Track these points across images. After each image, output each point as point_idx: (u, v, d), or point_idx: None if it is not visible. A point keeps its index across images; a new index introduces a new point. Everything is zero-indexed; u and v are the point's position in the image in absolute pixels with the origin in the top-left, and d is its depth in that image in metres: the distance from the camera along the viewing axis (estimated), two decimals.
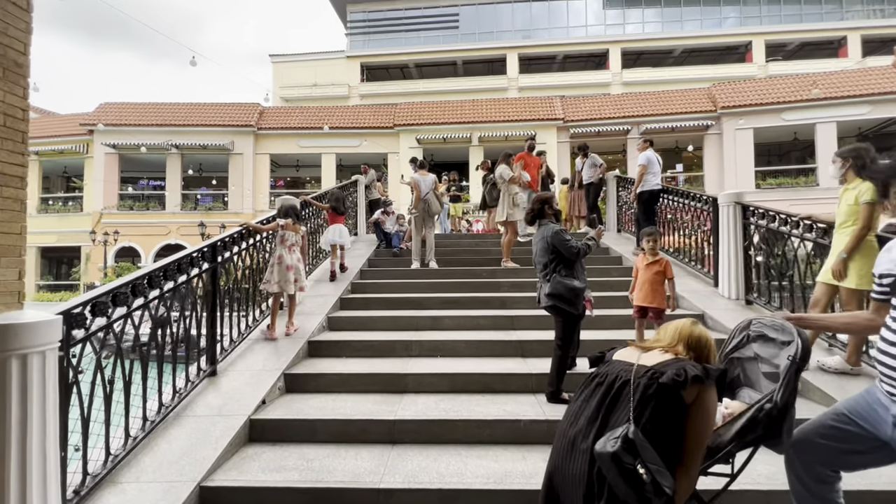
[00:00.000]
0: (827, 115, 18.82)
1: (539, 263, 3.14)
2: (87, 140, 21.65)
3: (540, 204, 3.17)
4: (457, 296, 4.91)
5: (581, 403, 1.47)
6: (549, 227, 3.08)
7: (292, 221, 4.12)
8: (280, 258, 3.97)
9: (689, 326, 1.57)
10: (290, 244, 4.07)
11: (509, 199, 5.73)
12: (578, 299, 2.97)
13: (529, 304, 4.67)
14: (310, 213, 5.52)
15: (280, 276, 3.92)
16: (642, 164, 5.84)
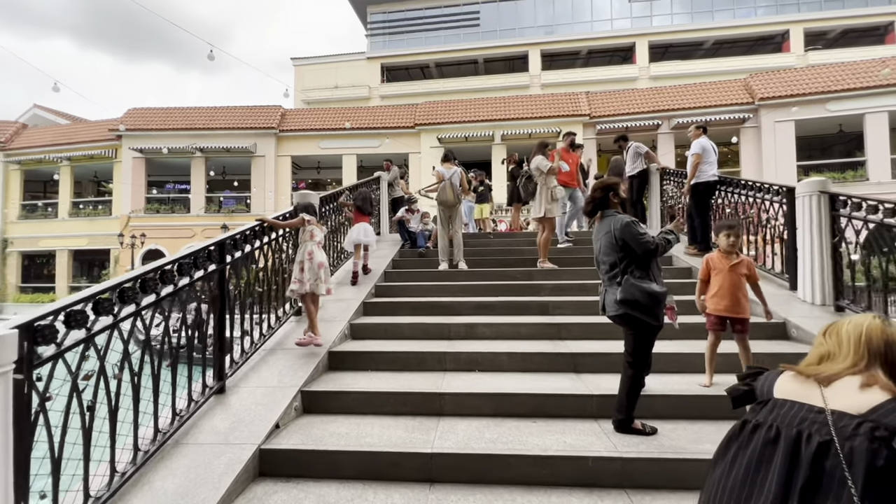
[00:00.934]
0: (878, 104, 17.51)
1: (603, 263, 2.61)
2: (116, 145, 22.16)
3: (603, 191, 2.64)
4: (491, 300, 4.41)
5: (745, 477, 0.93)
6: (616, 219, 2.54)
7: (316, 220, 3.76)
8: (311, 254, 3.55)
9: (879, 329, 1.00)
10: (319, 240, 3.67)
11: (547, 193, 5.19)
12: (659, 307, 2.43)
13: (575, 310, 4.14)
14: (329, 210, 5.11)
15: (311, 274, 3.51)
16: (696, 153, 5.22)
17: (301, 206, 3.81)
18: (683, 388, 2.81)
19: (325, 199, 4.91)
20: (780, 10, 26.65)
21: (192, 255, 2.53)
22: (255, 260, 3.39)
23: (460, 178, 5.59)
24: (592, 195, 2.70)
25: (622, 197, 2.66)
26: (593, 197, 2.68)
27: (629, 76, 26.19)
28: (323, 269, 3.59)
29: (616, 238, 2.49)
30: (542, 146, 5.39)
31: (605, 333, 3.67)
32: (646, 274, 2.45)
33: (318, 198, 4.37)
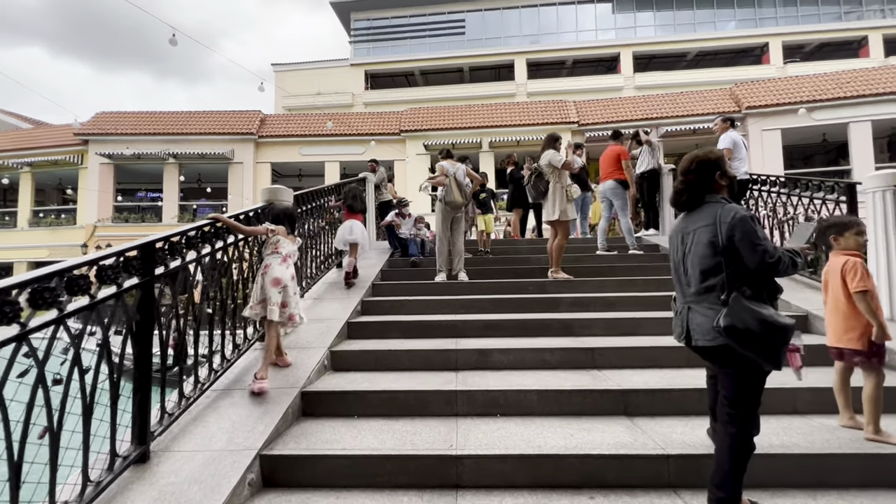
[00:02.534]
0: (861, 113, 17.70)
1: (692, 270, 1.84)
2: (82, 150, 20.89)
3: (703, 169, 1.85)
4: (502, 318, 3.66)
5: None
6: (725, 210, 1.77)
7: (286, 230, 2.93)
8: (266, 268, 2.77)
9: None
10: (286, 255, 2.87)
11: (561, 192, 4.50)
12: (780, 344, 1.67)
13: (606, 329, 3.42)
14: (306, 211, 4.29)
15: (264, 293, 2.72)
16: (726, 148, 4.62)
17: (271, 213, 2.99)
18: (807, 438, 2.08)
19: (302, 199, 4.10)
20: (759, 23, 27.28)
21: (93, 263, 1.71)
22: (207, 269, 2.57)
23: (466, 174, 4.88)
24: (686, 177, 1.90)
25: (731, 178, 1.92)
26: (688, 179, 1.89)
27: (614, 86, 26.28)
28: (279, 286, 2.72)
29: (722, 236, 1.74)
30: (553, 139, 4.72)
31: (651, 360, 2.95)
32: (760, 296, 1.74)
33: (290, 194, 3.56)
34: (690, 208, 1.91)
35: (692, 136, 18.75)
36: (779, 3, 27.27)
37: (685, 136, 18.57)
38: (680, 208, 1.96)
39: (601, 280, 4.58)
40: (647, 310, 3.90)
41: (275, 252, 2.84)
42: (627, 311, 3.84)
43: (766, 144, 18.25)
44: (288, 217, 3.01)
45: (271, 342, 2.71)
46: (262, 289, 2.75)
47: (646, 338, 3.30)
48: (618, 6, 28.17)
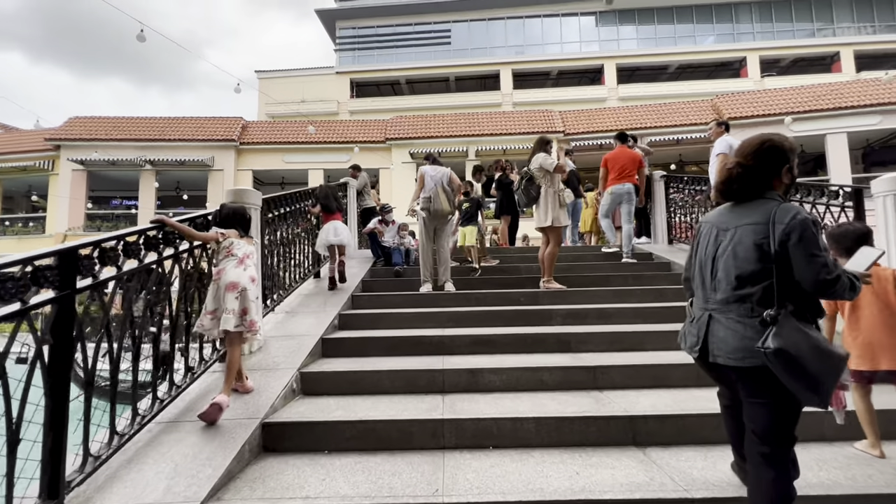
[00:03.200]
0: (837, 125, 18.17)
1: (729, 274, 1.52)
2: (54, 156, 20.12)
3: (774, 158, 1.55)
4: (493, 332, 3.35)
5: None
6: (783, 210, 1.48)
7: (239, 234, 2.61)
8: (219, 273, 2.45)
9: None
10: (243, 255, 2.55)
11: (553, 197, 4.25)
12: (831, 378, 1.38)
13: (606, 344, 3.14)
14: (281, 216, 3.93)
15: (218, 300, 2.41)
16: (722, 153, 4.45)
17: (220, 215, 2.65)
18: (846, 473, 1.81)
19: (273, 203, 3.74)
20: (737, 38, 28.08)
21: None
22: (152, 281, 2.20)
23: (450, 180, 4.60)
24: (746, 162, 1.56)
25: (794, 177, 1.59)
26: (748, 165, 1.54)
27: (599, 97, 26.64)
28: (236, 291, 2.39)
29: (774, 241, 1.43)
30: (544, 142, 4.48)
31: (658, 379, 2.67)
32: (801, 314, 1.44)
33: (259, 197, 3.20)
34: (740, 200, 1.59)
35: (675, 146, 18.97)
36: (755, 20, 28.15)
37: (669, 146, 18.77)
38: (726, 197, 1.64)
39: (596, 290, 4.32)
40: (648, 322, 3.64)
41: (229, 255, 2.51)
42: (627, 324, 3.58)
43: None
44: (239, 218, 2.67)
45: (235, 356, 2.38)
46: (214, 298, 2.42)
47: (650, 353, 3.03)
48: (601, 19, 28.68)
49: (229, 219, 2.63)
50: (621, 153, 5.46)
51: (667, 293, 4.22)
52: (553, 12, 28.59)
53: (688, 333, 1.67)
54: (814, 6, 27.61)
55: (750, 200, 1.57)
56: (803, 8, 27.74)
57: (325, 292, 4.30)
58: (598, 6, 28.30)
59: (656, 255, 5.62)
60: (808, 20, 27.70)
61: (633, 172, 5.42)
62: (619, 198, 5.45)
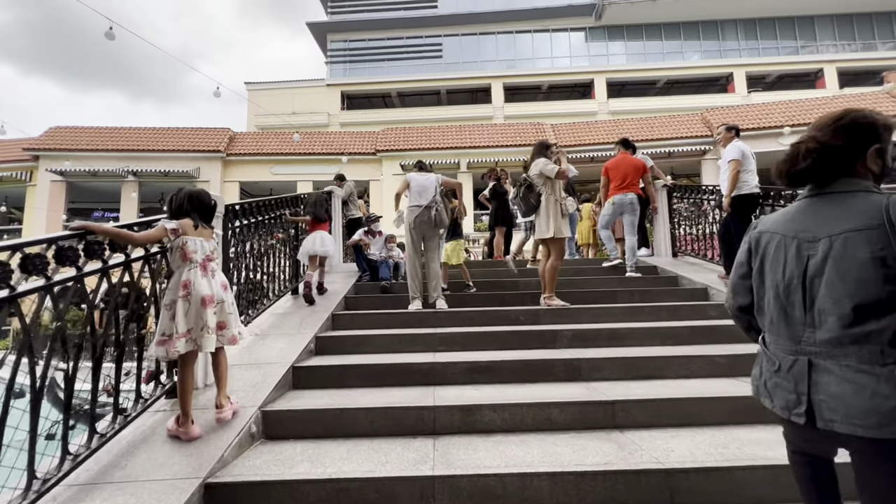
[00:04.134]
0: None
1: (838, 303, 1.09)
2: (32, 167, 19.49)
3: (861, 135, 1.16)
4: (491, 357, 2.92)
5: None
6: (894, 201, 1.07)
7: (193, 223, 2.22)
8: (186, 286, 2.09)
9: None
10: (204, 259, 2.18)
11: (555, 206, 3.87)
12: None
13: (621, 372, 2.73)
14: (252, 225, 3.49)
15: (193, 318, 2.08)
16: (735, 159, 4.14)
17: (175, 203, 2.25)
18: None
19: (242, 211, 3.30)
20: (723, 55, 28.59)
21: None
22: (70, 296, 1.75)
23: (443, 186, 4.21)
24: (824, 138, 1.18)
25: (887, 161, 1.16)
26: (826, 143, 1.17)
27: (589, 111, 26.82)
28: (212, 305, 2.11)
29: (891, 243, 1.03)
30: (544, 146, 4.12)
31: (688, 416, 2.26)
32: None
33: (221, 203, 2.77)
34: (818, 183, 1.20)
35: (667, 158, 18.95)
36: (741, 37, 28.74)
37: (661, 158, 18.74)
38: (792, 182, 1.24)
39: (602, 308, 3.93)
40: (665, 343, 3.25)
41: (186, 260, 2.13)
42: (642, 347, 3.18)
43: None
44: (196, 204, 2.25)
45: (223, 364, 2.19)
46: (187, 316, 2.06)
47: (673, 383, 2.63)
48: (590, 35, 29.05)
49: (182, 207, 2.23)
50: (623, 160, 5.14)
51: (681, 311, 3.84)
52: (543, 27, 28.91)
53: (775, 387, 1.21)
54: (797, 24, 28.29)
55: (830, 191, 1.17)
56: (787, 26, 28.42)
57: (302, 310, 3.84)
58: (587, 22, 28.70)
59: (662, 269, 5.26)
60: (791, 38, 28.35)
61: (636, 181, 5.10)
62: (620, 208, 5.11)
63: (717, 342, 3.27)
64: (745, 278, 1.32)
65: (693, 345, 3.23)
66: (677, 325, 3.41)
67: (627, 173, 5.02)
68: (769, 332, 1.23)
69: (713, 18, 28.34)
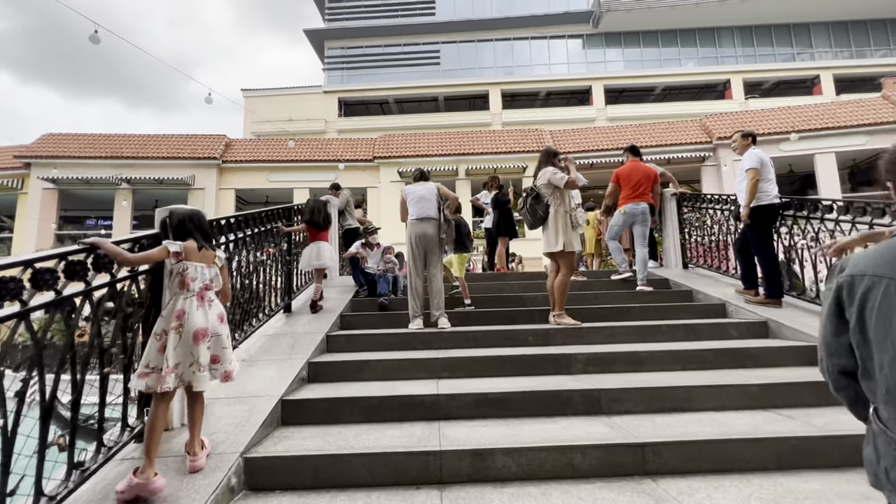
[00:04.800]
0: (826, 145, 18.29)
1: None
2: (23, 174, 19.23)
3: None
4: (501, 388, 2.65)
5: None
6: None
7: (198, 245, 2.03)
8: (180, 317, 1.89)
9: None
10: (203, 287, 1.98)
11: (564, 217, 3.63)
12: None
13: (646, 402, 2.47)
14: (241, 240, 3.22)
15: (181, 353, 1.86)
16: (753, 168, 3.91)
17: (172, 222, 2.05)
18: None
19: (228, 226, 3.03)
20: (720, 61, 28.70)
21: None
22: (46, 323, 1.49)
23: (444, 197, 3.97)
24: None
25: None
26: None
27: (587, 117, 26.81)
28: (205, 340, 1.91)
29: None
30: (551, 154, 3.88)
31: (729, 460, 2.00)
32: None
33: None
34: None
35: (667, 165, 18.81)
36: (737, 44, 28.87)
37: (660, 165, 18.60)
38: None
39: (616, 327, 3.67)
40: (688, 368, 2.99)
41: (183, 289, 1.93)
42: (663, 372, 2.92)
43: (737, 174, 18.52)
44: (197, 225, 2.07)
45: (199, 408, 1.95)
46: (177, 350, 1.85)
47: (704, 417, 2.37)
48: (588, 42, 29.12)
49: (183, 227, 2.03)
50: (636, 168, 4.91)
51: (700, 330, 3.59)
52: (541, 35, 28.95)
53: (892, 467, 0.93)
54: (793, 31, 28.45)
55: None
56: (783, 33, 28.57)
57: (294, 333, 3.56)
58: (584, 29, 28.76)
59: (674, 282, 5.02)
60: (787, 45, 28.50)
61: (649, 190, 4.87)
62: (632, 218, 4.87)
63: (742, 366, 3.02)
64: (839, 335, 1.03)
65: (718, 369, 2.97)
66: (699, 348, 3.15)
67: (640, 181, 4.79)
68: (887, 404, 0.95)
69: (709, 26, 28.47)
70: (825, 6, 26.80)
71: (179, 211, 2.11)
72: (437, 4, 29.24)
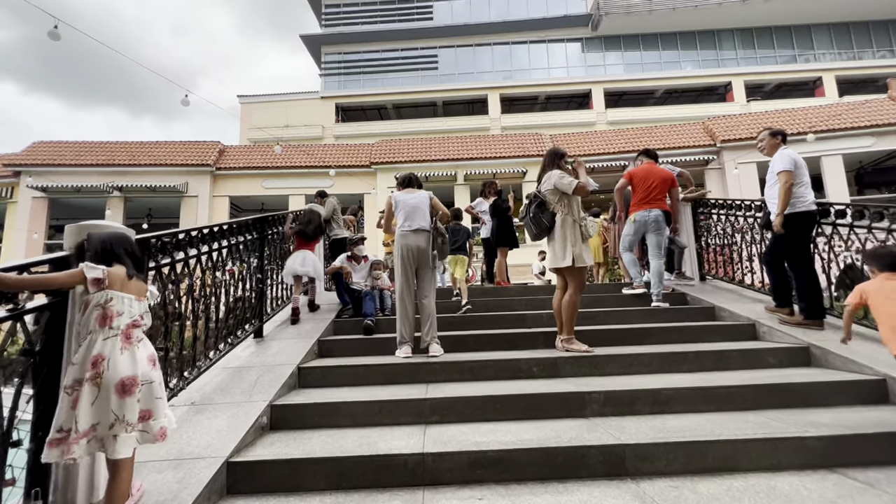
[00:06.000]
0: (833, 147, 17.89)
1: None
2: (12, 183, 18.91)
3: None
4: (501, 442, 2.14)
5: None
6: None
7: (127, 273, 1.61)
8: (98, 363, 1.47)
9: None
10: (130, 324, 1.57)
11: (573, 227, 3.15)
12: None
13: (681, 462, 1.98)
14: (182, 261, 2.72)
15: (100, 410, 1.47)
16: (787, 170, 3.42)
17: (90, 247, 1.62)
18: None
19: (168, 244, 2.54)
20: (721, 64, 28.42)
21: None
22: None
23: (433, 205, 3.49)
24: None
25: None
26: None
27: (587, 121, 26.54)
28: (136, 390, 1.50)
29: None
30: (557, 156, 3.40)
31: None
32: None
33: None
34: None
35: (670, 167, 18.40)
36: (738, 46, 28.60)
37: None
38: None
39: (633, 354, 3.17)
40: (723, 409, 2.49)
41: (104, 325, 1.51)
42: (695, 415, 2.42)
43: (742, 178, 18.15)
44: (128, 250, 1.68)
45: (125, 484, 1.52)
46: (94, 406, 1.44)
47: (759, 480, 1.87)
48: (587, 46, 28.88)
49: (107, 250, 1.62)
50: (652, 170, 4.44)
51: (730, 358, 3.10)
52: (540, 38, 28.70)
53: None
54: (794, 33, 28.17)
55: None
56: (784, 35, 28.30)
57: (262, 364, 3.06)
58: (584, 33, 28.51)
59: (692, 297, 4.53)
60: (789, 46, 28.22)
61: (664, 195, 4.39)
62: (643, 227, 4.39)
63: (789, 405, 2.52)
64: None
65: (760, 410, 2.48)
66: (734, 383, 2.65)
67: (654, 185, 4.31)
68: None
69: (710, 28, 28.22)
70: (826, 7, 26.53)
71: (102, 232, 1.68)
72: (434, 9, 29.05)
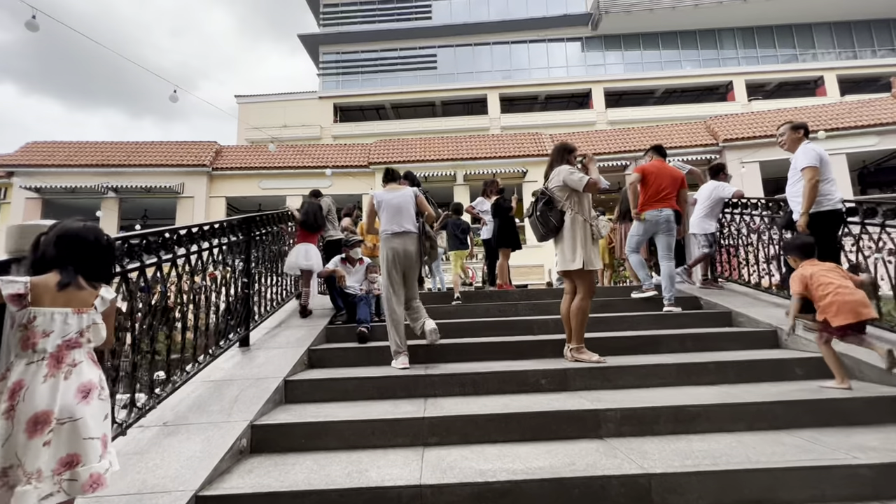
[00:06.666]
0: (836, 146, 17.70)
1: None
2: (5, 184, 18.66)
3: None
4: (510, 474, 1.90)
5: None
6: None
7: (58, 282, 1.33)
8: (14, 394, 1.21)
9: None
10: (62, 344, 1.29)
11: (583, 227, 2.90)
12: None
13: (714, 496, 1.72)
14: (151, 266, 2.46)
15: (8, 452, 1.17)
16: (811, 167, 3.18)
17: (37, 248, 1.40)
18: None
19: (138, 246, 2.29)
20: (722, 63, 28.25)
21: None
22: None
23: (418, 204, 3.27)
24: None
25: None
26: None
27: (587, 121, 26.37)
28: (41, 434, 1.20)
29: None
30: (565, 150, 3.16)
31: None
32: None
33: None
34: None
35: None
36: (739, 45, 28.43)
37: None
38: None
39: (648, 365, 2.92)
40: (755, 429, 2.25)
41: (26, 349, 1.27)
42: (723, 436, 2.18)
43: (746, 177, 17.96)
44: (73, 248, 1.41)
45: None
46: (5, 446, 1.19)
47: None
48: (587, 45, 28.70)
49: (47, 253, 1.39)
50: (663, 168, 4.20)
51: (756, 368, 2.85)
52: (539, 38, 28.49)
53: None
54: (795, 32, 27.99)
55: None
56: (785, 34, 28.13)
57: (245, 377, 2.81)
58: (583, 32, 28.32)
59: (706, 301, 4.28)
60: (790, 46, 28.05)
61: (674, 195, 4.15)
62: (654, 227, 4.15)
63: (826, 424, 2.28)
64: None
65: (796, 429, 2.23)
66: (763, 399, 2.40)
67: (665, 184, 4.07)
68: None
69: (710, 27, 28.03)
70: (827, 6, 26.35)
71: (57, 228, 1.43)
72: (432, 8, 28.84)
